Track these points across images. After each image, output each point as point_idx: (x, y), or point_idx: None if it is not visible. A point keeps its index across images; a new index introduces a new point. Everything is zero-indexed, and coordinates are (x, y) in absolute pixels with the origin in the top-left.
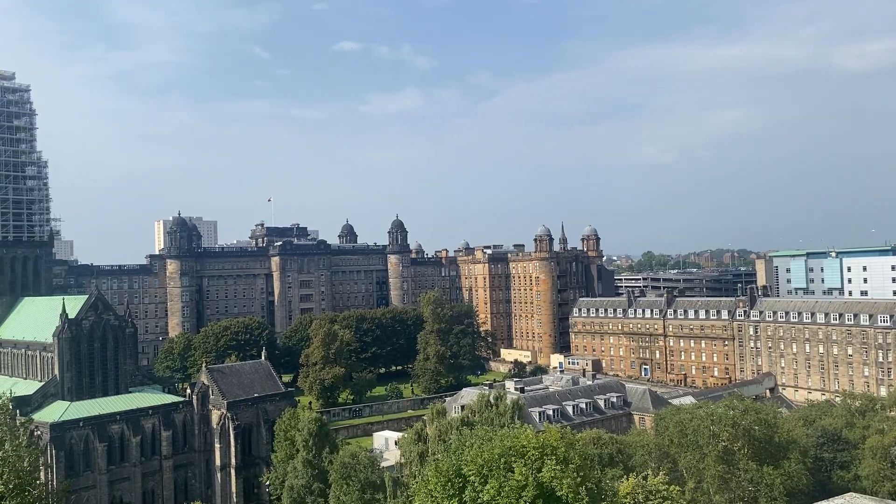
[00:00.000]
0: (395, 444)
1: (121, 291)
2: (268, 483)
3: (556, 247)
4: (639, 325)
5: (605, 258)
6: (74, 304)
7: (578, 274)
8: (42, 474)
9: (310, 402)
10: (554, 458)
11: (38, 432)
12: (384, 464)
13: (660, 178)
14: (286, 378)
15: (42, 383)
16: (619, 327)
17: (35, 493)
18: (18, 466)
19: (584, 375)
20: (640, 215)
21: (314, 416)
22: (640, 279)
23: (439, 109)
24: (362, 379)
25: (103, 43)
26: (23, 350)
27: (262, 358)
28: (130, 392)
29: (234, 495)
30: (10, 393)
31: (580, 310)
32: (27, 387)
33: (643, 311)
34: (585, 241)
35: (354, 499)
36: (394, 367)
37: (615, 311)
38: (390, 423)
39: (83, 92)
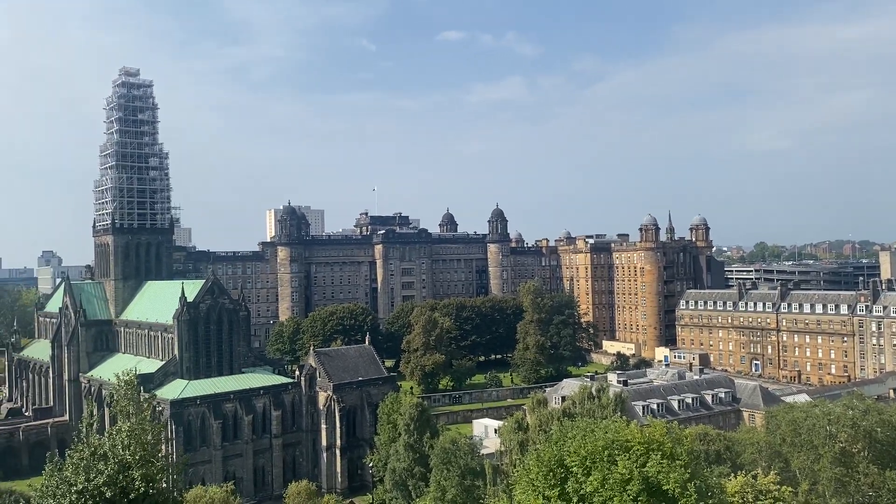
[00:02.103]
0: (495, 432)
1: (235, 276)
2: (371, 464)
3: (663, 236)
4: (750, 319)
5: (714, 249)
6: (193, 289)
7: (686, 265)
8: (163, 448)
9: (411, 388)
10: (660, 453)
11: (160, 408)
12: (484, 451)
13: (774, 165)
14: (388, 363)
15: (163, 362)
16: (729, 321)
17: (158, 465)
18: (143, 439)
19: (690, 370)
20: (752, 204)
21: (416, 402)
22: (751, 271)
23: (542, 97)
24: (462, 366)
25: (217, 39)
26: (146, 330)
27: (366, 343)
28: (243, 373)
29: (339, 475)
30: (136, 370)
31: (687, 302)
32: (150, 365)
33: (755, 304)
34: (694, 231)
35: (454, 484)
36: (493, 356)
37: (725, 303)
38: (490, 411)
39: (198, 86)
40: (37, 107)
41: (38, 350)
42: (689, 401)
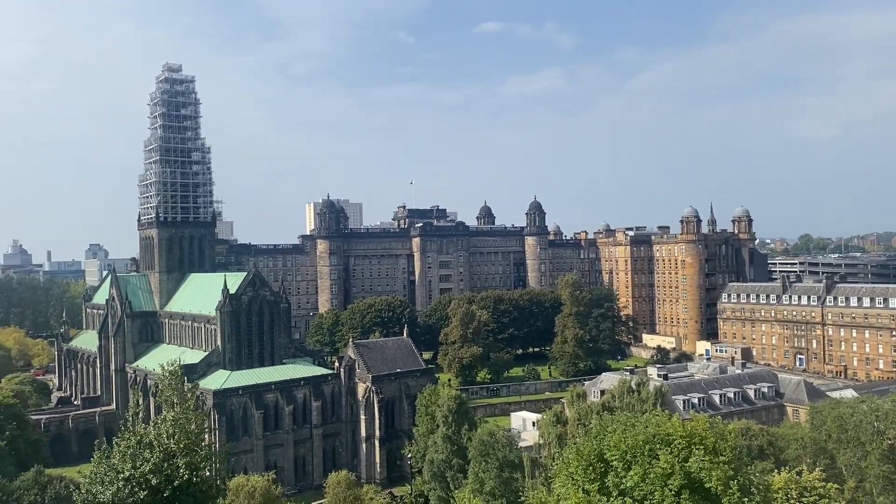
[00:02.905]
0: (533, 424)
1: (275, 269)
2: (409, 455)
3: (705, 229)
4: (794, 313)
5: (757, 241)
6: (234, 281)
7: (728, 257)
8: (206, 437)
9: (448, 380)
10: (702, 448)
11: (203, 398)
12: (522, 444)
13: (819, 155)
14: (426, 355)
15: (206, 353)
16: (772, 314)
17: (202, 454)
18: (187, 429)
19: (732, 364)
20: (797, 196)
21: (454, 394)
22: (795, 263)
23: (581, 88)
24: (499, 359)
25: (259, 34)
26: (190, 322)
27: (404, 335)
28: (284, 364)
29: (378, 465)
30: (180, 361)
31: (729, 295)
32: (193, 356)
33: (799, 297)
34: (736, 223)
35: (493, 476)
36: (531, 349)
37: (768, 297)
38: (528, 404)
39: (240, 81)
40: (85, 103)
41: (86, 340)
42: (731, 395)
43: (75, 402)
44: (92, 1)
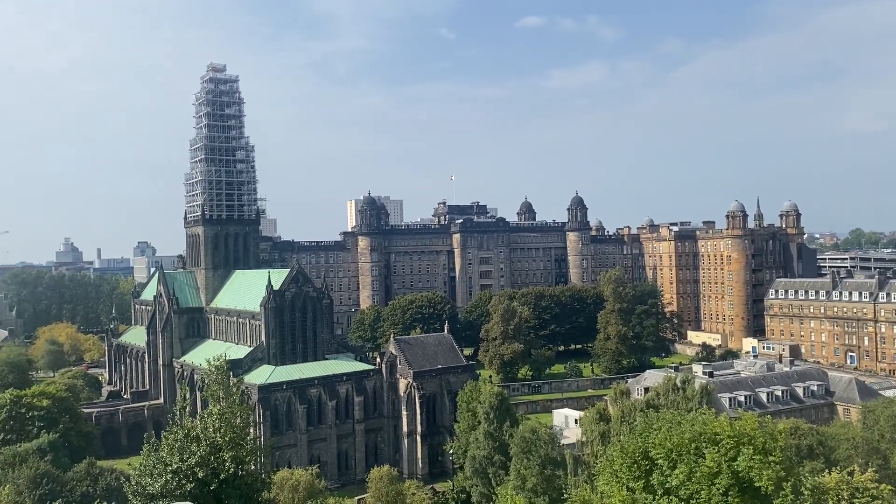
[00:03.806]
0: (576, 422)
1: (318, 266)
2: (451, 451)
3: (751, 223)
4: (844, 309)
5: (806, 236)
6: (278, 277)
7: (775, 253)
8: (251, 431)
9: (490, 376)
10: (751, 447)
11: (248, 393)
12: (564, 441)
13: (871, 147)
14: (467, 351)
15: (251, 348)
16: (822, 311)
17: (247, 447)
18: (233, 423)
19: (780, 361)
20: (847, 189)
21: (496, 390)
22: (846, 259)
23: (624, 82)
24: (541, 356)
25: (301, 33)
26: (235, 318)
27: (445, 331)
28: (326, 359)
29: (420, 461)
30: (226, 356)
31: (777, 291)
32: (238, 351)
33: (850, 293)
34: (784, 218)
35: (535, 473)
36: (572, 346)
37: (817, 293)
38: (570, 402)
39: (283, 80)
40: (132, 103)
41: (135, 336)
42: (779, 393)
43: (125, 396)
44: (137, 3)
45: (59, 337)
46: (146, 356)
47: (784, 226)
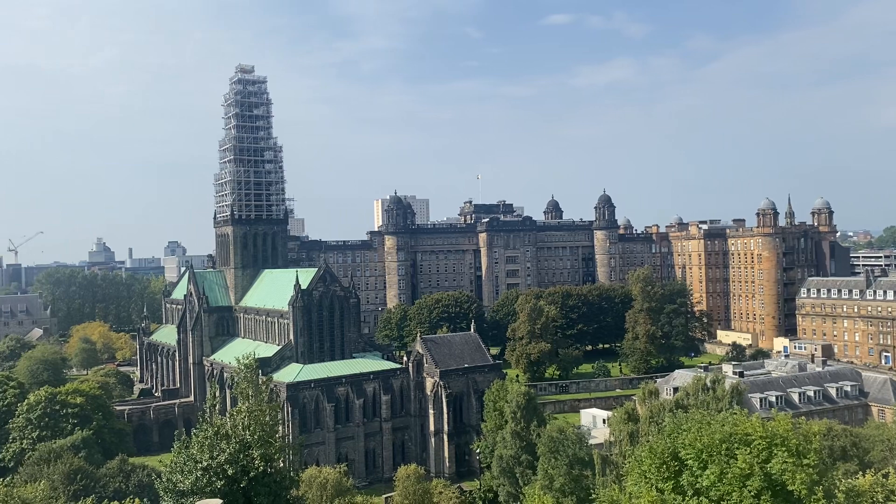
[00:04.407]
0: (604, 422)
1: (345, 265)
2: (478, 451)
3: (782, 221)
4: (879, 308)
5: (839, 234)
6: (306, 277)
7: (807, 251)
8: (280, 429)
9: (517, 376)
10: (785, 449)
11: (277, 391)
12: (592, 441)
13: None
14: (493, 351)
15: (279, 347)
16: (856, 310)
17: (276, 445)
18: (262, 420)
19: (812, 361)
20: (882, 186)
21: (523, 390)
22: (881, 257)
23: (652, 78)
24: (568, 355)
25: (327, 34)
26: (263, 316)
27: (472, 330)
28: (354, 358)
29: (447, 460)
30: (255, 354)
31: (809, 290)
32: (267, 349)
33: (885, 292)
34: (816, 216)
35: (562, 473)
36: (600, 345)
37: (851, 292)
38: (598, 401)
39: (310, 81)
40: (163, 104)
41: (166, 335)
42: (811, 394)
43: (156, 394)
44: (166, 6)
45: (93, 335)
46: (177, 354)
47: (816, 224)
